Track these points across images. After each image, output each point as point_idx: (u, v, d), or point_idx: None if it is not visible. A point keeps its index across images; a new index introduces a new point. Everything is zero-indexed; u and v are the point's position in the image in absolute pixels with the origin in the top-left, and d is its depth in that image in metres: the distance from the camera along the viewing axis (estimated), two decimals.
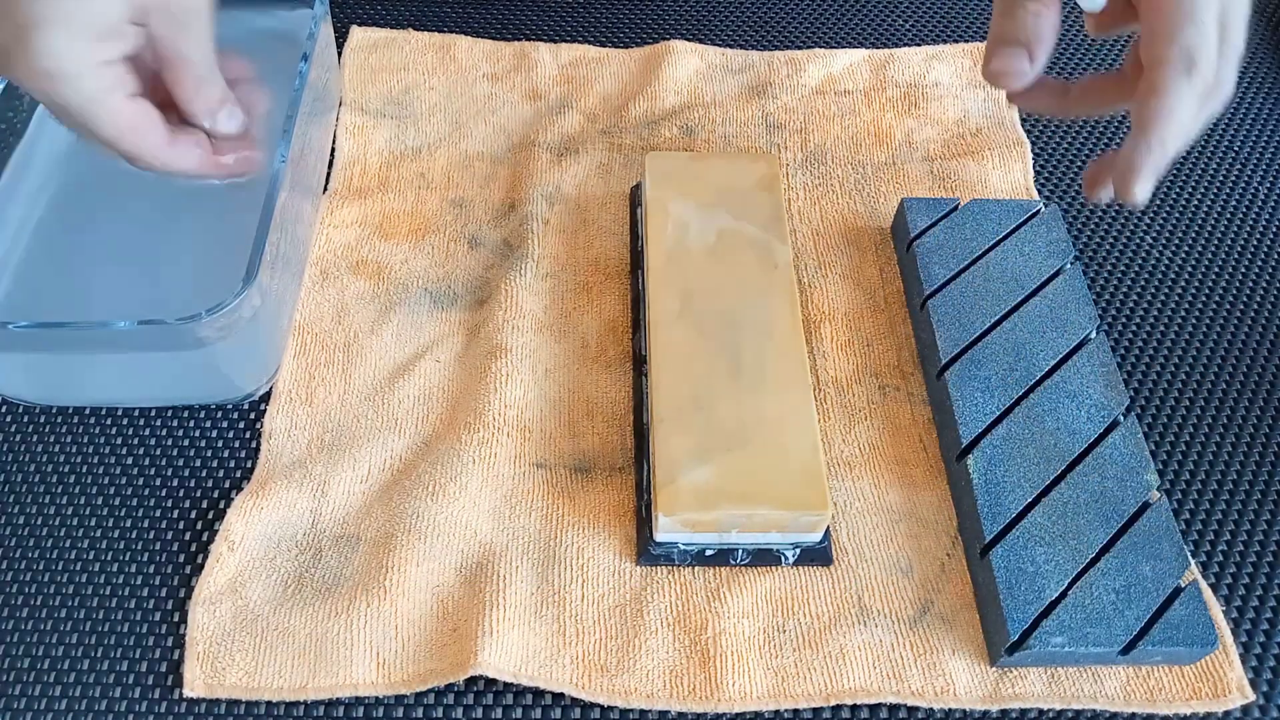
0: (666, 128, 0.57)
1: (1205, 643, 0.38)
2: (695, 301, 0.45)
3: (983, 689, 0.39)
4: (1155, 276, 0.53)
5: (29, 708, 0.38)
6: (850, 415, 0.47)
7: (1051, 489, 0.42)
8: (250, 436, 0.46)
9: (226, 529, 0.42)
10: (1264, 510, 0.45)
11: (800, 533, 0.41)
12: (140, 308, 0.45)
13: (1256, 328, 0.51)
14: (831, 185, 0.55)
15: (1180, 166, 0.58)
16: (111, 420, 0.46)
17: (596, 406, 0.46)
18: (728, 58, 0.62)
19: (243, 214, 0.47)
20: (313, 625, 0.40)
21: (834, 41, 0.64)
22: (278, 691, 0.38)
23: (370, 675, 0.39)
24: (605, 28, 0.64)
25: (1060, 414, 0.44)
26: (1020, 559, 0.40)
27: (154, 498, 0.44)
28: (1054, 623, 0.38)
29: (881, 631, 0.40)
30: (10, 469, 0.44)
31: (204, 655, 0.39)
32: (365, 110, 0.58)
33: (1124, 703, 0.39)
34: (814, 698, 0.39)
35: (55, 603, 0.41)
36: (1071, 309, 0.47)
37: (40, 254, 0.48)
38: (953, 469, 0.44)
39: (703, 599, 0.41)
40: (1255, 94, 0.62)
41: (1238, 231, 0.55)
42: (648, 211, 0.49)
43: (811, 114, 0.58)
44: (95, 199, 0.50)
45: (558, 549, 0.42)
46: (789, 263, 0.47)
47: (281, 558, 0.42)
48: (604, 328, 0.49)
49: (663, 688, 0.39)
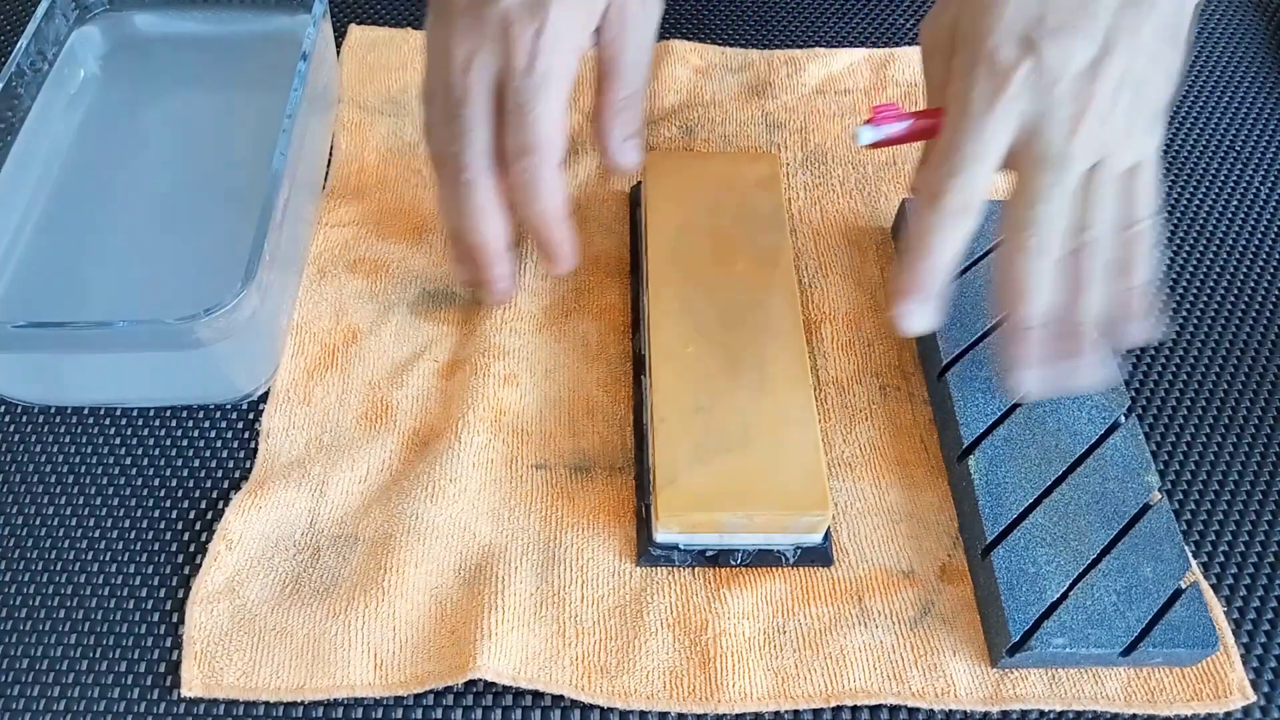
0: (666, 127, 0.57)
1: (1206, 644, 0.38)
2: (695, 301, 0.45)
3: (983, 690, 0.39)
4: (1156, 276, 0.53)
5: (27, 708, 0.38)
6: (851, 415, 0.46)
7: (1052, 490, 0.42)
8: (249, 436, 0.45)
9: (224, 528, 0.42)
10: (1265, 511, 0.45)
11: (801, 533, 0.41)
12: (139, 308, 0.45)
13: (1257, 328, 0.51)
14: (832, 185, 0.55)
15: (1181, 166, 0.58)
16: (110, 420, 0.46)
17: (596, 406, 0.46)
18: (727, 57, 0.61)
19: (242, 213, 0.47)
20: (310, 625, 0.40)
21: (834, 41, 0.64)
22: (275, 692, 0.38)
23: (368, 676, 0.39)
24: None
25: (1061, 415, 0.44)
26: (1021, 560, 0.40)
27: (152, 497, 0.44)
28: (1055, 624, 0.38)
29: (882, 632, 0.40)
30: (9, 469, 0.44)
31: (201, 655, 0.39)
32: (364, 108, 0.58)
33: (1125, 704, 0.39)
34: (814, 699, 0.39)
35: (54, 602, 0.41)
36: None
37: (39, 253, 0.47)
38: (954, 470, 0.44)
39: (703, 600, 0.41)
40: (1255, 94, 0.62)
41: (1238, 232, 0.55)
42: (648, 211, 0.49)
43: (812, 113, 0.58)
44: (94, 198, 0.50)
45: (557, 550, 0.42)
46: (789, 263, 0.47)
47: (279, 557, 0.42)
48: (604, 328, 0.49)
49: (663, 689, 0.39)
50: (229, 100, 0.55)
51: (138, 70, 0.56)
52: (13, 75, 0.49)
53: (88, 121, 0.53)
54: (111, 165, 0.51)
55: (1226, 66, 0.64)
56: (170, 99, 0.55)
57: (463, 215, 0.42)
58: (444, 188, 0.43)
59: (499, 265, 0.44)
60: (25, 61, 0.50)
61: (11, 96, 0.49)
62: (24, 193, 0.49)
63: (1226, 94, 0.62)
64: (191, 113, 0.55)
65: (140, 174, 0.51)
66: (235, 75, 0.55)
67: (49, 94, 0.52)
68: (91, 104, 0.54)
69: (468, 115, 0.40)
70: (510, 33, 0.38)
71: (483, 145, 0.40)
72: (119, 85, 0.55)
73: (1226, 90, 0.62)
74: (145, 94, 0.55)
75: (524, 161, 0.40)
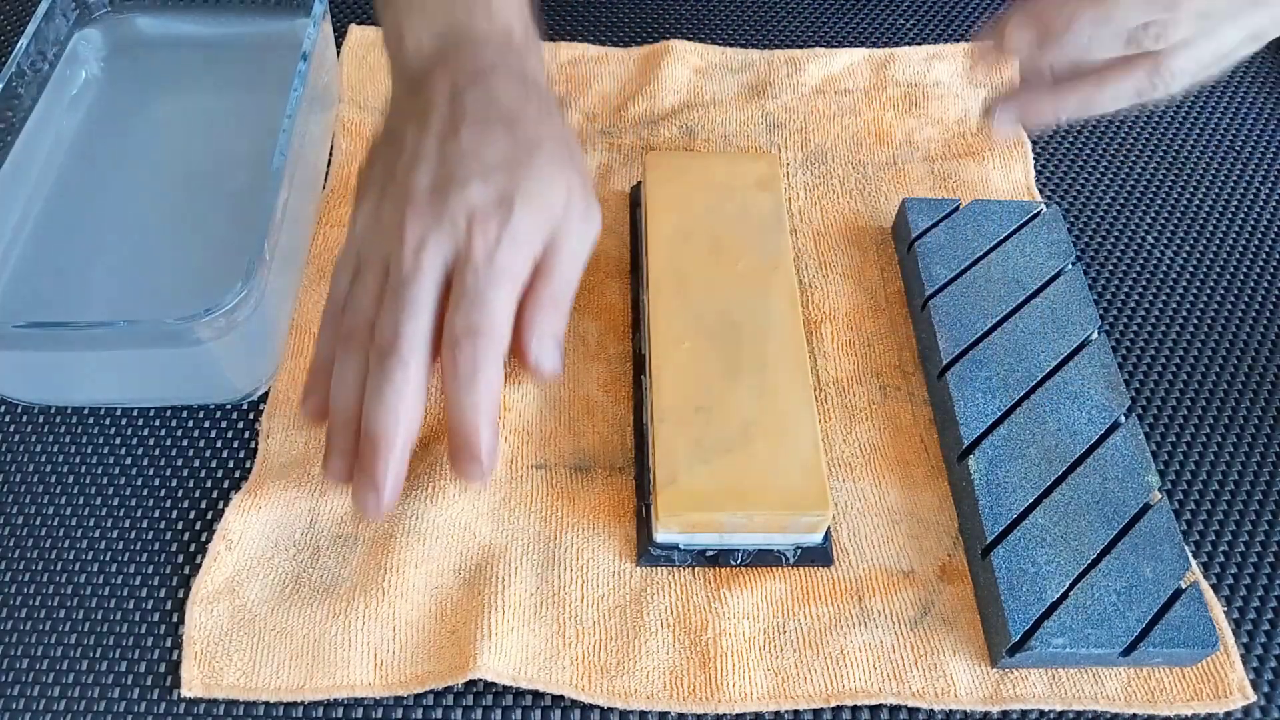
0: (666, 127, 0.57)
1: (1206, 644, 0.38)
2: (695, 301, 0.45)
3: (984, 690, 0.39)
4: (1156, 277, 0.53)
5: (27, 708, 0.38)
6: (851, 415, 0.46)
7: (1053, 490, 0.42)
8: (249, 436, 0.45)
9: (224, 528, 0.42)
10: (1264, 511, 0.45)
11: (801, 533, 0.41)
12: (139, 307, 0.45)
13: (1257, 328, 0.51)
14: (832, 185, 0.55)
15: (1181, 166, 0.58)
16: (110, 420, 0.46)
17: (596, 406, 0.46)
18: (727, 57, 0.61)
19: (242, 213, 0.47)
20: (310, 626, 0.40)
21: (834, 40, 0.64)
22: (275, 692, 0.38)
23: (368, 676, 0.39)
24: (604, 27, 0.64)
25: (1061, 415, 0.44)
26: (1021, 560, 0.40)
27: (152, 498, 0.44)
28: (1055, 624, 0.38)
29: (882, 632, 0.40)
30: (9, 469, 0.44)
31: (201, 655, 0.39)
32: (364, 108, 0.58)
33: (1125, 704, 0.39)
34: (814, 699, 0.39)
35: (54, 602, 0.41)
36: (1072, 310, 0.47)
37: (39, 253, 0.47)
38: (954, 470, 0.44)
39: (703, 599, 0.41)
40: (1255, 94, 0.62)
41: (1238, 232, 0.55)
42: (648, 211, 0.49)
43: (812, 113, 0.58)
44: (94, 198, 0.50)
45: (557, 550, 0.42)
46: (789, 263, 0.47)
47: (280, 557, 0.42)
48: (604, 327, 0.49)
49: (663, 689, 0.39)
50: (229, 101, 0.55)
51: (138, 71, 0.56)
52: (13, 76, 0.49)
53: (88, 122, 0.53)
54: (112, 166, 0.51)
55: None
56: (171, 100, 0.55)
57: (379, 398, 0.37)
58: (349, 366, 0.39)
59: (395, 466, 0.38)
60: (26, 62, 0.50)
61: (12, 97, 0.49)
62: (24, 193, 0.49)
63: (1226, 94, 0.62)
64: (192, 113, 0.55)
65: (140, 174, 0.51)
66: (235, 76, 0.55)
67: (50, 95, 0.52)
68: (92, 105, 0.54)
69: (415, 294, 0.38)
70: (474, 225, 0.38)
71: (425, 327, 0.38)
72: (119, 86, 0.55)
73: (1226, 90, 0.62)
74: (146, 95, 0.55)
75: (472, 343, 0.37)
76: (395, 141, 0.41)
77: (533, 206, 0.39)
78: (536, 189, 0.39)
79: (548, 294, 0.40)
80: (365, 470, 0.38)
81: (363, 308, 0.39)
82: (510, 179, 0.39)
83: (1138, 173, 0.58)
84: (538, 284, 0.40)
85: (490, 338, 0.38)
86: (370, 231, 0.40)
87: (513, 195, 0.39)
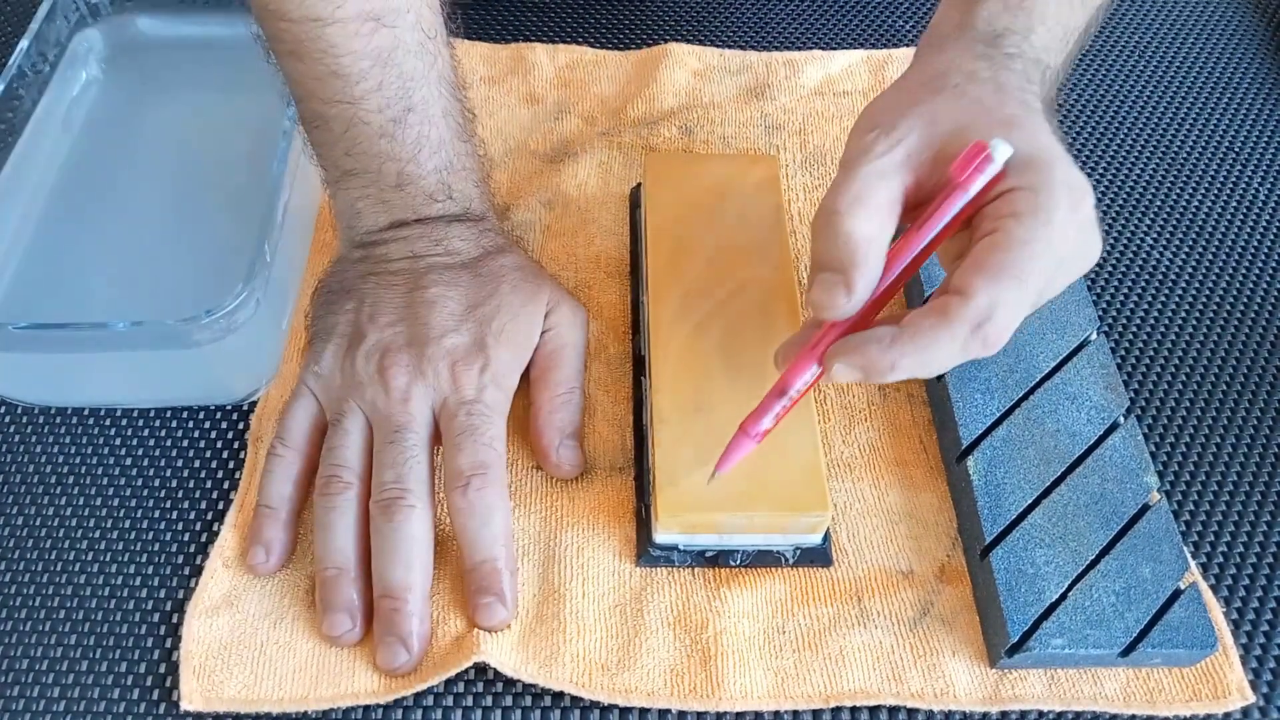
0: (666, 129, 0.57)
1: (1205, 645, 0.38)
2: (695, 302, 0.45)
3: (982, 690, 0.39)
4: (1155, 277, 0.53)
5: (27, 708, 0.38)
6: (850, 416, 0.47)
7: (1052, 491, 0.42)
8: (249, 438, 0.45)
9: (221, 546, 0.41)
10: (1264, 511, 0.45)
11: (800, 534, 0.41)
12: (139, 309, 0.45)
13: (1257, 328, 0.51)
14: None
15: (1181, 166, 0.58)
16: (110, 421, 0.46)
17: (596, 406, 0.46)
18: (726, 59, 0.62)
19: (242, 215, 0.47)
20: (314, 639, 0.39)
21: (832, 42, 0.64)
22: (278, 703, 0.38)
23: (371, 684, 0.38)
24: (603, 29, 0.64)
25: (1060, 416, 0.44)
26: (1020, 561, 0.40)
27: (152, 498, 0.44)
28: (1054, 624, 0.38)
29: (881, 633, 0.40)
30: (9, 469, 0.44)
31: (201, 669, 0.39)
32: None
33: (1124, 704, 0.39)
34: (814, 699, 0.39)
35: (54, 603, 0.41)
36: (1071, 311, 0.47)
37: (40, 255, 0.47)
38: (953, 470, 0.44)
39: (703, 599, 0.41)
40: (1255, 94, 0.62)
41: (1238, 232, 0.55)
42: (647, 212, 0.49)
43: (810, 115, 0.58)
44: (94, 199, 0.50)
45: (557, 549, 0.42)
46: (789, 264, 0.47)
47: (279, 570, 0.41)
48: (604, 328, 0.49)
49: (663, 686, 0.39)
50: (229, 101, 0.55)
51: (139, 72, 0.56)
52: (14, 77, 0.49)
53: (89, 123, 0.53)
54: (112, 167, 0.51)
55: (1226, 66, 0.64)
56: (171, 101, 0.55)
57: (393, 551, 0.38)
58: (337, 517, 0.39)
59: (420, 619, 0.38)
60: (26, 63, 0.50)
61: (13, 98, 0.49)
62: (25, 194, 0.49)
63: (1226, 94, 0.62)
64: (192, 115, 0.55)
65: (141, 176, 0.51)
66: (236, 76, 0.55)
67: (50, 96, 0.52)
68: (93, 106, 0.54)
69: (412, 443, 0.40)
70: (456, 369, 0.41)
71: (426, 474, 0.40)
72: (120, 87, 0.55)
73: (1226, 90, 0.63)
74: (146, 96, 0.55)
75: (483, 478, 0.39)
76: (352, 294, 0.43)
77: (509, 343, 0.42)
78: (510, 326, 0.42)
79: (555, 395, 0.43)
80: (392, 629, 0.38)
81: (345, 459, 0.40)
82: (481, 323, 0.42)
83: (1137, 173, 0.58)
84: (538, 389, 0.43)
85: (498, 469, 0.40)
86: (342, 382, 0.42)
87: (485, 337, 0.42)
